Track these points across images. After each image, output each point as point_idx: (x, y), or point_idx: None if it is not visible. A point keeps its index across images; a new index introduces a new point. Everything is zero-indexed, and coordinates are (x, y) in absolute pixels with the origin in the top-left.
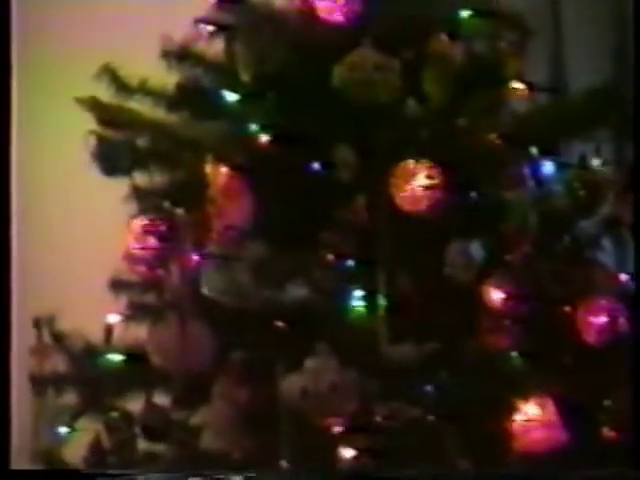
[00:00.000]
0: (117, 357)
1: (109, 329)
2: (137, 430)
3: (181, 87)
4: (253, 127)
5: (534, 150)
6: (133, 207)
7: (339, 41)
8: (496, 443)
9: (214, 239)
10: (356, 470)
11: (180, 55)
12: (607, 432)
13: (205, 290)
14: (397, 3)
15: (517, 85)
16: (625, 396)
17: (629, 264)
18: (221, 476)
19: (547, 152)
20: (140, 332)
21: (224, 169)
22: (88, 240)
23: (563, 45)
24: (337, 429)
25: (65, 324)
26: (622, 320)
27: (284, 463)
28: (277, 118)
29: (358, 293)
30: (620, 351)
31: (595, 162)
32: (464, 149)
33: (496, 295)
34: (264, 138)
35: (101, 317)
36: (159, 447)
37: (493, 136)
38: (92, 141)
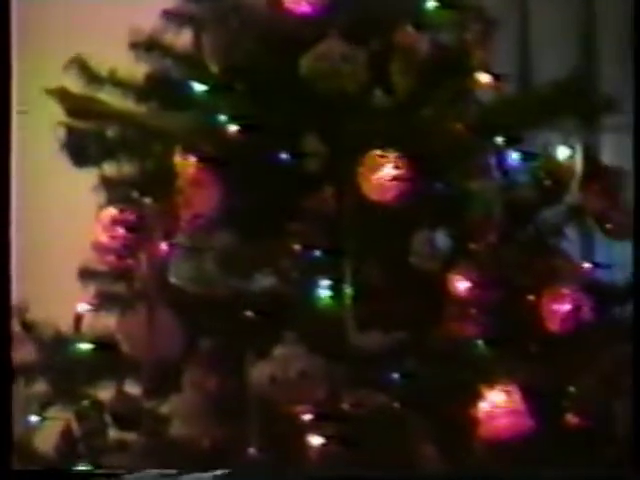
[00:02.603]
0: (87, 346)
1: (79, 318)
2: (108, 419)
3: (150, 78)
4: (221, 118)
5: (500, 140)
6: (102, 197)
7: (306, 32)
8: (462, 430)
9: (182, 229)
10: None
11: (148, 46)
12: (571, 418)
13: (173, 279)
14: None
15: (482, 75)
16: (588, 382)
17: (593, 253)
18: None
19: (513, 142)
20: (110, 321)
21: (192, 159)
22: (58, 230)
23: (530, 35)
24: (305, 417)
25: (35, 313)
26: (585, 308)
27: (253, 451)
28: (245, 109)
29: (325, 282)
30: (583, 338)
31: (560, 151)
32: (430, 139)
33: (461, 284)
34: (232, 128)
35: (71, 306)
36: (130, 436)
37: (459, 126)
38: (61, 132)
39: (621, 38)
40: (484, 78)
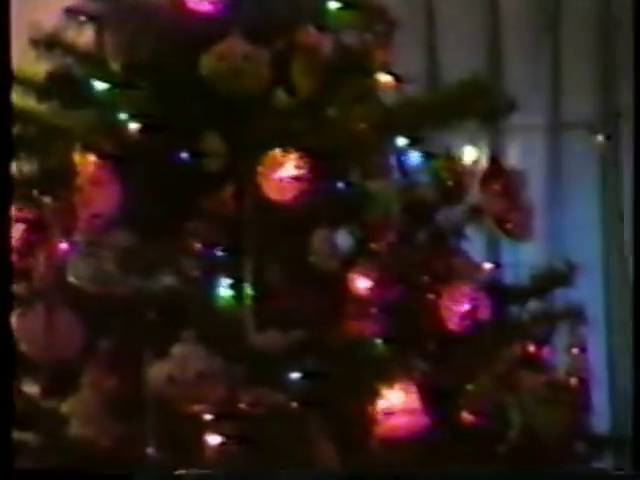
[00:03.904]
0: None
1: None
2: None
3: (51, 76)
4: (122, 116)
5: (401, 140)
6: None
7: (208, 31)
8: (360, 428)
9: (82, 227)
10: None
11: (50, 44)
12: (467, 416)
13: (72, 278)
14: None
15: (384, 76)
16: (485, 381)
17: (499, 253)
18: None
19: (414, 142)
20: None
21: (92, 157)
22: None
23: (436, 36)
24: (204, 416)
25: None
26: (484, 308)
27: (151, 450)
28: (146, 107)
29: (225, 281)
30: (481, 337)
31: (462, 152)
32: (332, 139)
33: (361, 283)
34: (133, 127)
35: None
36: (28, 436)
37: (361, 126)
38: None
39: (527, 39)
40: (386, 79)
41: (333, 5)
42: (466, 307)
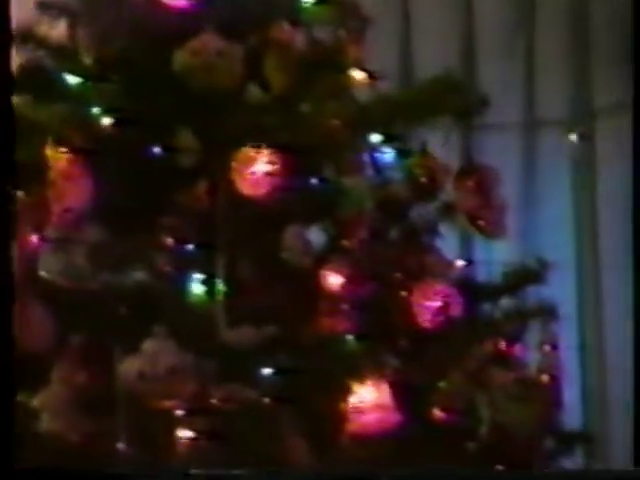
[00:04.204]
0: None
1: None
2: None
3: (23, 69)
4: (95, 110)
5: (375, 137)
6: None
7: (181, 26)
8: (332, 425)
9: (53, 222)
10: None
11: (22, 37)
12: (438, 413)
13: (44, 273)
14: None
15: (357, 72)
16: (457, 378)
17: (466, 250)
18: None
19: (388, 139)
20: None
21: (65, 152)
22: None
23: (410, 33)
24: (175, 411)
25: None
26: (456, 305)
27: (122, 445)
28: (119, 102)
29: (197, 277)
30: (453, 334)
31: (436, 149)
32: (305, 135)
33: (334, 279)
34: (106, 121)
35: None
36: None
37: (334, 123)
38: None
39: (501, 37)
40: (359, 75)
41: (306, 1)
42: (438, 304)
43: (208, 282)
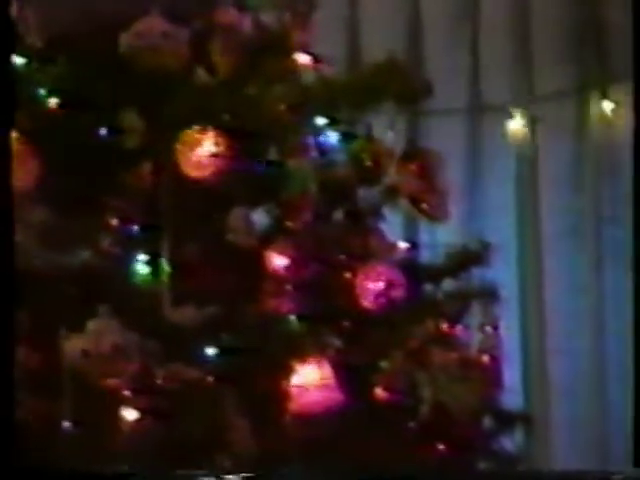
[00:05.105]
0: None
1: None
2: None
3: None
4: (41, 91)
5: (320, 120)
6: None
7: (128, 8)
8: (275, 404)
9: None
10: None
11: None
12: (380, 392)
13: None
14: None
15: (303, 56)
16: (399, 358)
17: (410, 233)
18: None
19: (332, 123)
20: None
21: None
22: None
23: (357, 18)
24: (119, 390)
25: None
26: (398, 286)
27: (68, 425)
28: (65, 83)
29: (142, 257)
30: (396, 315)
31: (381, 133)
32: (250, 117)
33: (278, 260)
34: (52, 102)
35: None
36: None
37: (280, 106)
38: None
39: (447, 24)
40: (305, 59)
41: None
42: (381, 286)
43: (153, 262)
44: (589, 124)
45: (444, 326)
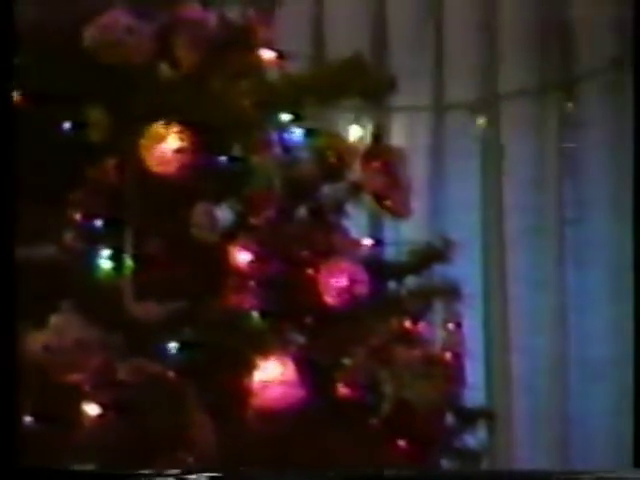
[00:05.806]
0: None
1: None
2: None
3: None
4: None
5: (284, 116)
6: None
7: (92, 2)
8: (237, 400)
9: None
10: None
11: None
12: (342, 389)
13: None
14: None
15: (267, 52)
16: (361, 355)
17: (374, 230)
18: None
19: (296, 119)
20: None
21: None
22: None
23: (322, 14)
24: (81, 385)
25: None
26: (361, 283)
27: (29, 420)
28: (29, 77)
29: (105, 252)
30: (358, 312)
31: (345, 129)
32: (214, 113)
33: (241, 256)
34: (15, 96)
35: None
36: None
37: (244, 101)
38: None
39: (411, 22)
40: (269, 55)
41: None
42: (344, 282)
43: (115, 257)
44: (553, 123)
45: (407, 323)
